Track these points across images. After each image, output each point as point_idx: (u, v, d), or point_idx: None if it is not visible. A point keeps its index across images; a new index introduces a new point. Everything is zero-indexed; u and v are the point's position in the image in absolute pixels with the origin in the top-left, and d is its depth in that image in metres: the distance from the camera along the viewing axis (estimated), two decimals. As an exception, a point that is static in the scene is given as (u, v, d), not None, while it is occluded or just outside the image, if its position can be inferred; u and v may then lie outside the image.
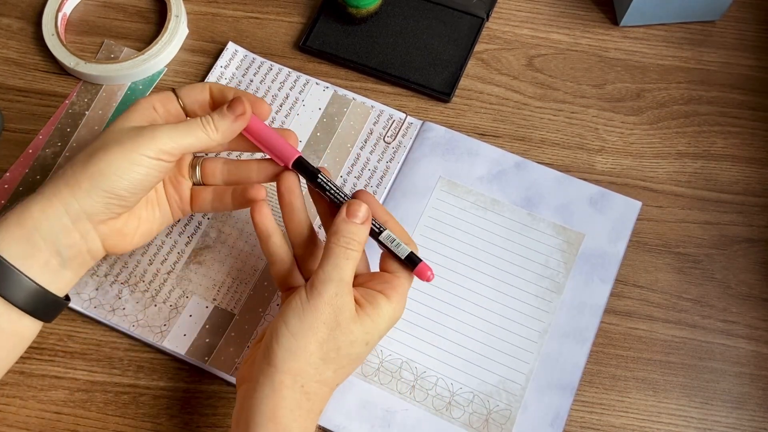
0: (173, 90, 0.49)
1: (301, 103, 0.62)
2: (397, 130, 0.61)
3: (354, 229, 0.46)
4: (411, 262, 0.48)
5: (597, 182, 0.60)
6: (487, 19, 0.66)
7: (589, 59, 0.65)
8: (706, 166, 0.61)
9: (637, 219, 0.58)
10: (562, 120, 0.62)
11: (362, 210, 0.47)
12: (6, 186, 0.59)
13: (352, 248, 0.46)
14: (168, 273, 0.56)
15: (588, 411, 0.53)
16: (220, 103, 0.49)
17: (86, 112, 0.62)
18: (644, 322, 0.55)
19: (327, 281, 0.45)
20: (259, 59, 0.64)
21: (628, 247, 0.57)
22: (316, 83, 0.63)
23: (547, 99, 0.63)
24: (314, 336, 0.44)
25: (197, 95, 0.50)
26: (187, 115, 0.50)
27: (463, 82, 0.64)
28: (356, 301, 0.46)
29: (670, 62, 0.65)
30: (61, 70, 0.64)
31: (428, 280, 0.47)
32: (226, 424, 0.52)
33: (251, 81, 0.63)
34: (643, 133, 0.62)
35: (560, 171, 0.60)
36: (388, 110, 0.62)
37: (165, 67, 0.64)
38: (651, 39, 0.65)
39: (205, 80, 0.63)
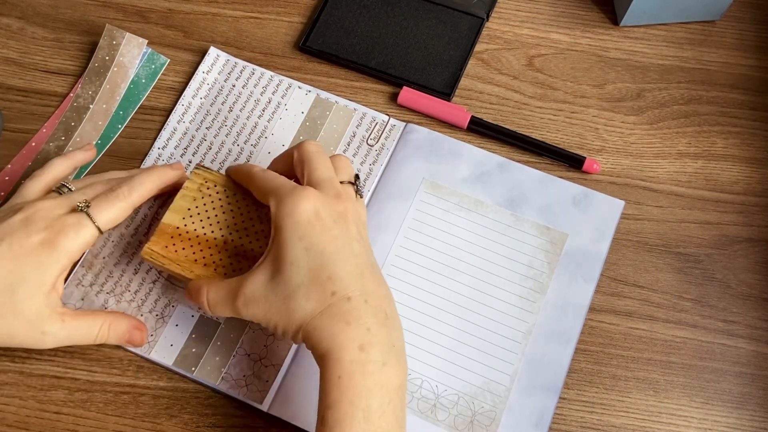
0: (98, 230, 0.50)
1: (284, 107, 0.62)
2: (380, 132, 0.61)
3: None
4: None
5: (597, 182, 0.60)
6: (487, 19, 0.66)
7: (589, 59, 0.65)
8: (706, 166, 0.61)
9: (639, 219, 0.58)
10: (562, 120, 0.62)
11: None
12: (7, 178, 0.59)
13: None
14: (153, 282, 0.56)
15: (588, 411, 0.53)
16: None
17: (90, 106, 0.62)
18: (644, 322, 0.55)
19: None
20: (241, 63, 0.64)
21: (629, 247, 0.57)
22: (299, 87, 0.63)
23: (547, 99, 0.63)
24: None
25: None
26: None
27: (463, 82, 0.64)
28: None
29: (671, 62, 0.65)
30: (61, 70, 0.64)
31: None
32: (226, 424, 0.52)
33: (233, 86, 0.63)
34: (644, 133, 0.62)
35: (550, 172, 0.60)
36: (371, 112, 0.62)
37: (167, 59, 0.64)
38: (651, 39, 0.65)
39: (188, 86, 0.62)
